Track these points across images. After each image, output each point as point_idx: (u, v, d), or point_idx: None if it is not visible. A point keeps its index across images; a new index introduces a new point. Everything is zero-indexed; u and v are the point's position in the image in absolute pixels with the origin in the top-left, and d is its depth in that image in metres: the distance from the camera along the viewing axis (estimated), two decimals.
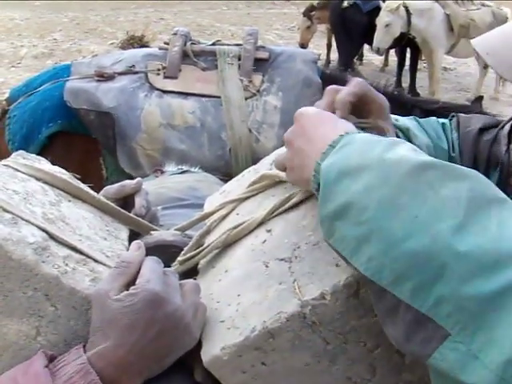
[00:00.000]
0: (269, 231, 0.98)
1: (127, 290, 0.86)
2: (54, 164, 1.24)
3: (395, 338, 0.72)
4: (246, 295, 0.89)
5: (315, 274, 0.84)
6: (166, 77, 2.93)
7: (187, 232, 1.18)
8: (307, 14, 9.55)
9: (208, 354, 0.86)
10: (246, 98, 2.89)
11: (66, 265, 0.93)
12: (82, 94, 2.85)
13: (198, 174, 1.69)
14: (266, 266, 0.91)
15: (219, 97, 2.89)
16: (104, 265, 0.99)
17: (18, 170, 1.12)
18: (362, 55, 10.30)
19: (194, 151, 2.81)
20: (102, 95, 2.84)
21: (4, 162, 1.14)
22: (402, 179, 0.73)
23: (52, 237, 0.96)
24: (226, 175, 2.45)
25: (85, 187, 1.22)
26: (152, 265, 0.90)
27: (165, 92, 2.89)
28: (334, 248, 0.78)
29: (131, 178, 1.33)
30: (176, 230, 1.18)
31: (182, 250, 1.08)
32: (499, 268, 0.63)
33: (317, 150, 0.85)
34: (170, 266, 1.05)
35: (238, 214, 1.09)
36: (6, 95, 3.05)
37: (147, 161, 2.81)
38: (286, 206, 0.99)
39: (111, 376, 0.83)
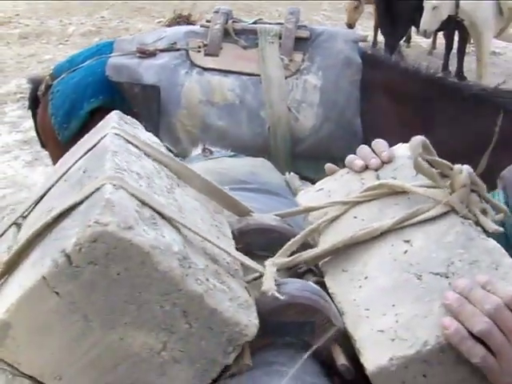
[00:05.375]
0: (407, 242, 0.98)
1: None
2: None
3: None
4: (403, 307, 0.90)
5: None
6: (206, 54, 2.95)
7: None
8: None
9: (374, 363, 0.86)
10: (286, 77, 2.89)
11: (207, 280, 0.84)
12: (124, 70, 2.89)
13: (254, 159, 1.66)
14: (419, 279, 0.92)
15: (259, 75, 2.90)
16: (234, 279, 0.91)
17: (130, 142, 0.96)
18: (409, 38, 10.14)
19: (232, 128, 2.83)
20: (143, 71, 2.88)
21: (112, 130, 0.97)
22: None
23: (188, 240, 0.87)
24: (264, 153, 2.46)
25: (186, 164, 1.07)
26: None
27: (205, 69, 2.91)
28: None
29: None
30: (275, 215, 1.15)
31: (282, 235, 1.07)
32: None
33: None
34: (268, 250, 1.04)
35: (355, 218, 1.07)
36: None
37: (186, 136, 2.85)
38: (420, 217, 0.99)
39: None
